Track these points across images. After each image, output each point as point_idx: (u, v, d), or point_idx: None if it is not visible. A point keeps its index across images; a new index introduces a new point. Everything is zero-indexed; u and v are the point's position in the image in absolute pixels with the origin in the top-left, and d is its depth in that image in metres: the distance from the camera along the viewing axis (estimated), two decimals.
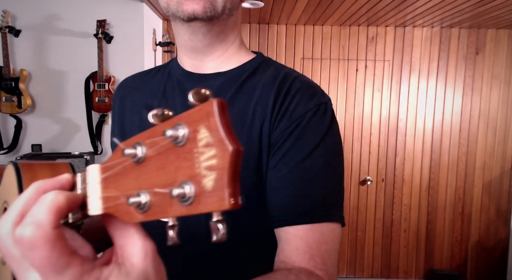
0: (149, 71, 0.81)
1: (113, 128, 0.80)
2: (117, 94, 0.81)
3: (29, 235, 0.27)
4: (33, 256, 0.27)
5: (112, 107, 0.82)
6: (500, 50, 3.25)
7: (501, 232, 3.37)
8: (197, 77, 0.71)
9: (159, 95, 0.73)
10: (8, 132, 2.57)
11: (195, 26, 0.63)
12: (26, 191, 0.31)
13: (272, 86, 0.65)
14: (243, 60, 0.71)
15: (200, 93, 0.25)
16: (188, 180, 0.24)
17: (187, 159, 0.24)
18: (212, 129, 0.23)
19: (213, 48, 0.69)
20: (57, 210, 0.28)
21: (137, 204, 0.26)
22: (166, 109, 0.28)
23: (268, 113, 0.63)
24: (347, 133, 3.35)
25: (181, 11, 0.60)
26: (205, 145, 0.24)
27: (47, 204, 0.28)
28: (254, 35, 3.30)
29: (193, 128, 0.24)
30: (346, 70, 3.31)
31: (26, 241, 0.27)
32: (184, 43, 0.69)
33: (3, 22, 2.41)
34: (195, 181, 0.24)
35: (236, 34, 0.72)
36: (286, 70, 0.69)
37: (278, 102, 0.63)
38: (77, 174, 0.32)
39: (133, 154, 0.27)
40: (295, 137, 0.61)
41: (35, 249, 0.27)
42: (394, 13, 2.81)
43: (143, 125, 0.68)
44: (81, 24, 2.52)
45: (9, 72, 2.43)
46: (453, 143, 3.33)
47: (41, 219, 0.27)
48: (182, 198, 0.24)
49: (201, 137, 0.24)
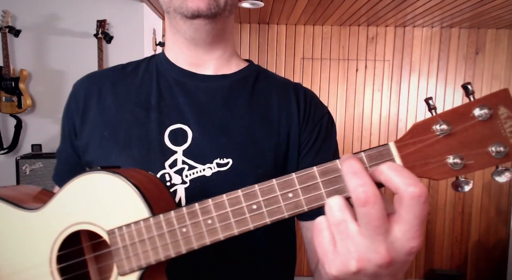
0: (123, 67, 0.74)
1: (88, 130, 0.69)
2: (82, 91, 0.71)
3: (365, 191, 0.33)
4: (366, 211, 0.33)
5: (74, 106, 0.70)
6: (500, 50, 3.25)
7: (501, 232, 3.37)
8: (200, 78, 0.69)
9: (153, 93, 0.68)
10: (8, 132, 2.57)
11: (198, 23, 0.62)
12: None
13: (287, 93, 0.72)
14: (241, 65, 0.74)
15: (468, 88, 0.36)
16: (499, 141, 0.35)
17: (493, 129, 0.35)
18: (510, 106, 0.35)
19: (214, 46, 0.69)
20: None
21: (453, 163, 0.36)
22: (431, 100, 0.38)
23: (294, 118, 0.69)
24: (347, 133, 3.35)
25: (185, 8, 0.60)
26: (506, 118, 0.35)
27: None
28: (254, 35, 3.30)
29: (494, 107, 0.35)
30: (346, 70, 3.31)
31: (360, 196, 0.33)
32: (184, 40, 0.68)
33: (3, 22, 2.41)
34: (504, 141, 0.35)
35: (233, 36, 0.74)
36: (286, 79, 0.77)
37: (301, 108, 0.70)
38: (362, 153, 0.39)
39: (443, 129, 0.36)
40: (322, 139, 0.69)
41: (368, 205, 0.33)
42: (394, 13, 2.81)
43: (142, 123, 0.66)
44: (81, 24, 2.52)
45: (9, 72, 2.43)
46: None
47: (367, 182, 0.34)
48: (498, 153, 0.35)
49: (501, 113, 0.35)
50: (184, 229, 0.45)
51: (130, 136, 0.65)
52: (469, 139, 0.35)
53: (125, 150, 0.64)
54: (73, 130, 0.71)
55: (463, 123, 0.35)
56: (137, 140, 0.65)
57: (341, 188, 0.38)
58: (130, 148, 0.64)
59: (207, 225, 0.43)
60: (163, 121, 0.65)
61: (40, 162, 2.28)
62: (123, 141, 0.65)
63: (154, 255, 0.46)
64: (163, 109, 0.66)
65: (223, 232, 0.43)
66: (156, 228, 0.46)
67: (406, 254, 0.34)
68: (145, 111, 0.66)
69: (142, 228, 0.47)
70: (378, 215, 0.33)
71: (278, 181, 0.40)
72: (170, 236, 0.45)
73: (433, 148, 0.36)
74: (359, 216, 0.34)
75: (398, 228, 0.34)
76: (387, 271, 0.35)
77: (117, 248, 0.48)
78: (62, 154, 0.75)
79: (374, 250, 0.34)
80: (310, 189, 0.39)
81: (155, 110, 0.66)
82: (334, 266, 0.36)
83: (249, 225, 0.42)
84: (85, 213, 0.49)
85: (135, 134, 0.65)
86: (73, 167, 0.72)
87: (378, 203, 0.33)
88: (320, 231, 0.37)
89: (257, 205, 0.41)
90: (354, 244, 0.35)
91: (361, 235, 0.34)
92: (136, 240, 0.47)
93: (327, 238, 0.36)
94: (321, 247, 0.37)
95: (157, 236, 0.46)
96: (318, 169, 0.39)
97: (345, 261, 0.35)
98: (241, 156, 0.65)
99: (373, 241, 0.34)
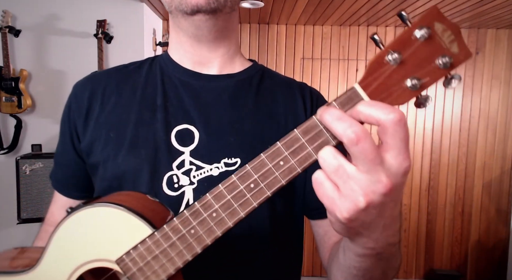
0: (125, 67, 0.74)
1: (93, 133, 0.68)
2: (85, 93, 0.69)
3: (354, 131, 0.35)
4: (360, 148, 0.35)
5: (76, 108, 0.69)
6: (500, 50, 3.25)
7: (501, 232, 3.37)
8: (205, 77, 0.69)
9: (158, 94, 0.68)
10: (8, 132, 2.57)
11: (199, 19, 0.62)
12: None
13: (292, 92, 0.72)
14: (245, 64, 0.74)
15: (403, 14, 0.39)
16: (443, 53, 0.38)
17: (435, 44, 0.38)
18: (442, 20, 0.38)
19: (218, 44, 0.68)
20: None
21: (412, 86, 0.38)
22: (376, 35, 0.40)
23: (301, 118, 0.69)
24: None
25: (185, 4, 0.60)
26: (442, 31, 0.38)
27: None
28: (254, 35, 3.30)
29: (430, 26, 0.38)
30: (346, 70, 3.31)
31: (351, 137, 0.35)
32: (188, 38, 0.68)
33: (3, 22, 2.41)
34: (447, 52, 0.38)
35: (237, 35, 0.74)
36: (291, 79, 0.78)
37: (307, 108, 0.71)
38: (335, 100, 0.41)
39: (395, 58, 0.38)
40: None
41: (361, 142, 0.35)
42: (394, 13, 2.81)
43: (149, 124, 0.65)
44: (81, 24, 2.52)
45: (9, 72, 2.43)
46: (453, 142, 3.33)
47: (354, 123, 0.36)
48: (444, 64, 0.37)
49: (437, 28, 0.38)
50: (192, 230, 0.45)
51: (137, 137, 0.65)
52: (418, 60, 0.39)
53: (132, 150, 0.64)
54: (75, 133, 0.69)
55: (410, 48, 0.38)
56: (144, 140, 0.64)
57: (325, 140, 0.41)
58: (137, 149, 0.64)
59: (213, 218, 0.44)
60: (169, 122, 0.65)
61: (40, 162, 2.28)
62: (130, 141, 0.64)
63: (172, 265, 0.46)
64: (169, 110, 0.66)
65: (230, 219, 0.44)
66: (164, 240, 0.46)
67: (402, 175, 0.38)
68: (151, 111, 0.66)
69: (150, 246, 0.46)
70: (371, 148, 0.36)
71: (266, 153, 0.42)
72: (181, 243, 0.46)
73: (391, 78, 0.39)
74: (355, 155, 0.37)
75: (390, 155, 0.37)
76: (390, 197, 0.38)
77: (132, 273, 0.47)
78: (62, 159, 0.74)
79: (376, 181, 0.37)
80: (297, 151, 0.41)
81: (161, 111, 0.66)
82: (344, 209, 0.38)
83: (253, 204, 0.43)
84: (84, 253, 0.47)
85: (142, 135, 0.65)
86: (77, 172, 0.72)
87: (368, 137, 0.36)
88: (320, 183, 0.39)
89: (254, 183, 0.43)
90: (356, 182, 0.37)
91: (360, 172, 0.37)
92: (149, 258, 0.46)
93: (329, 187, 0.39)
94: (327, 197, 0.39)
95: (168, 247, 0.46)
96: (299, 130, 0.41)
97: (353, 200, 0.37)
98: (249, 155, 0.64)
99: (373, 174, 0.37)
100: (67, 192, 0.74)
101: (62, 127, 0.72)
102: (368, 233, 0.42)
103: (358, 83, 0.40)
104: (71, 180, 0.74)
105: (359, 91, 0.40)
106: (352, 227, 0.41)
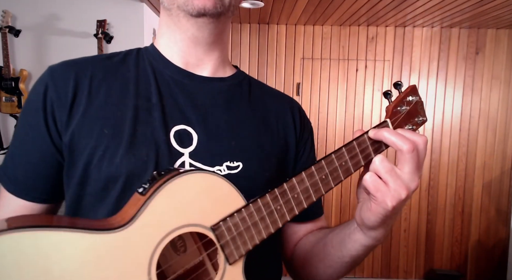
0: (108, 58, 0.67)
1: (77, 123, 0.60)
2: (68, 81, 0.61)
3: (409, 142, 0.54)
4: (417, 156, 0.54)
5: (56, 97, 0.60)
6: (500, 50, 3.25)
7: (501, 232, 3.37)
8: (199, 78, 0.68)
9: (153, 91, 0.64)
10: (8, 133, 2.57)
11: (203, 22, 0.61)
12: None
13: (282, 104, 0.76)
14: (233, 69, 0.74)
15: (399, 84, 0.63)
16: (418, 115, 0.63)
17: (416, 108, 0.63)
18: (416, 94, 0.64)
19: (214, 47, 0.68)
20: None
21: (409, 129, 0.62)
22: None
23: (290, 127, 0.74)
24: (347, 133, 3.35)
25: (191, 6, 0.58)
26: (418, 100, 0.63)
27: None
28: (254, 35, 3.30)
29: (414, 95, 0.63)
30: (346, 70, 3.31)
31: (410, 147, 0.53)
32: (185, 38, 0.65)
33: (3, 22, 2.41)
34: (421, 114, 0.64)
35: (229, 39, 0.74)
36: (277, 90, 0.82)
37: (296, 118, 0.75)
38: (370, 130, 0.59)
39: (405, 109, 0.62)
40: (311, 147, 0.77)
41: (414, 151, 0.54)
42: (394, 13, 2.81)
43: (147, 122, 0.61)
44: (81, 24, 2.52)
45: (9, 72, 2.43)
46: (453, 142, 3.33)
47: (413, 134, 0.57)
48: (420, 120, 0.64)
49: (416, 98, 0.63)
50: (279, 207, 0.54)
51: (135, 135, 0.60)
52: (412, 114, 0.63)
53: (131, 149, 0.59)
54: (53, 126, 0.60)
55: (409, 106, 0.62)
56: (143, 139, 0.60)
57: (369, 153, 0.58)
58: (136, 148, 0.60)
59: (295, 199, 0.55)
60: (167, 121, 0.62)
61: None
62: (128, 140, 0.60)
63: (259, 236, 0.53)
64: (165, 109, 0.63)
65: (306, 201, 0.56)
66: (257, 213, 0.53)
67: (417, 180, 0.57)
68: (147, 109, 0.62)
69: (245, 216, 0.52)
70: (420, 156, 0.55)
71: (336, 154, 0.57)
72: (269, 217, 0.54)
73: (402, 120, 0.62)
74: (407, 160, 0.53)
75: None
76: (409, 198, 0.55)
77: (225, 241, 0.51)
78: (27, 156, 0.61)
79: (413, 180, 0.54)
80: (353, 156, 0.57)
81: (157, 110, 0.62)
82: (393, 199, 0.53)
83: (322, 192, 0.57)
84: (181, 217, 0.48)
85: (141, 133, 0.61)
86: (48, 170, 0.61)
87: (418, 149, 0.55)
88: (375, 180, 0.53)
89: (325, 175, 0.57)
90: (402, 180, 0.53)
91: (405, 173, 0.54)
92: (242, 228, 0.52)
93: (381, 183, 0.53)
94: (380, 191, 0.53)
95: (259, 219, 0.53)
96: (356, 142, 0.57)
97: (399, 193, 0.53)
98: (250, 159, 0.65)
99: (413, 175, 0.54)
100: (30, 194, 0.62)
101: (29, 117, 0.61)
102: (389, 222, 0.57)
103: (389, 119, 0.61)
104: (39, 181, 0.62)
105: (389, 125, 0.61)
106: (389, 217, 0.54)
